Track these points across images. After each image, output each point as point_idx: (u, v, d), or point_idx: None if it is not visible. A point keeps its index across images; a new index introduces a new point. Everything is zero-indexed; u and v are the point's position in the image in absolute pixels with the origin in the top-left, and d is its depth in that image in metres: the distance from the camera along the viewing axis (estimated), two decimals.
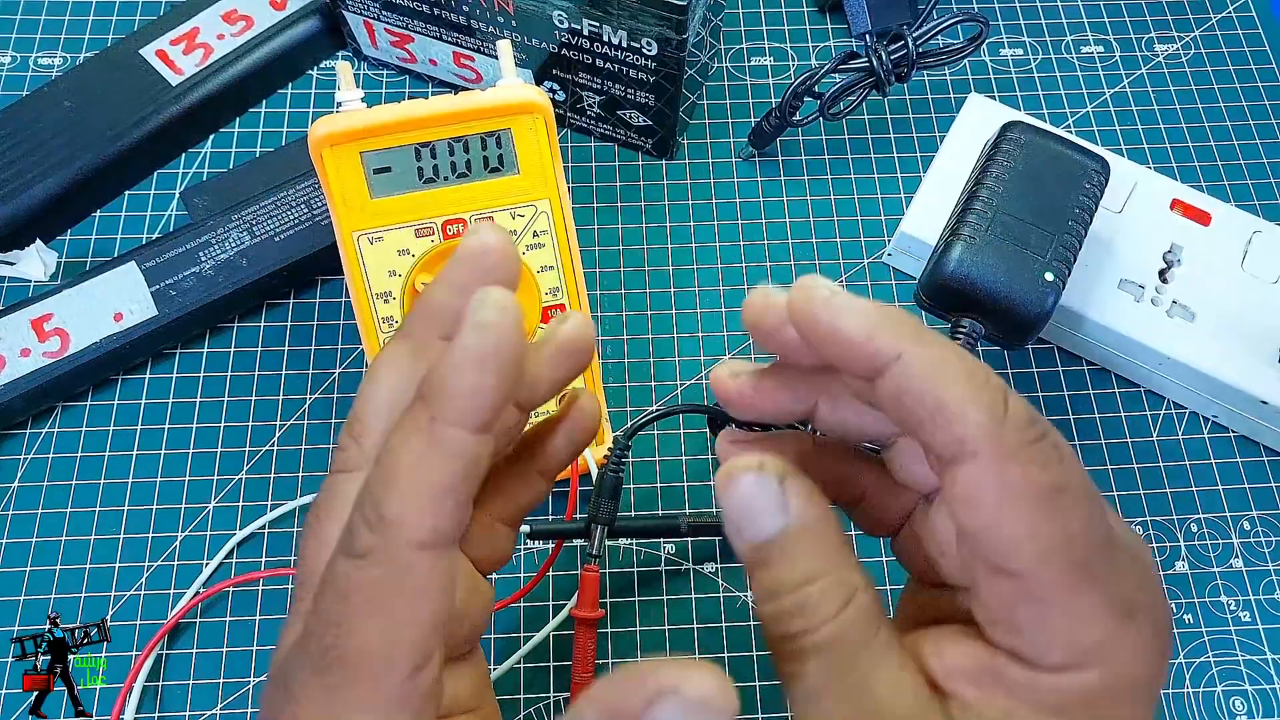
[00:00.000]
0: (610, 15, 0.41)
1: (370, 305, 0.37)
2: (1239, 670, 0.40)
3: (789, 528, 0.23)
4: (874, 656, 0.23)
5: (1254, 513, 0.42)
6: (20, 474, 0.42)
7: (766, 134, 0.47)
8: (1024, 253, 0.37)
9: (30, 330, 0.42)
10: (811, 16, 0.53)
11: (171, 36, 0.48)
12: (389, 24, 0.47)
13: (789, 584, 0.23)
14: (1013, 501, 0.21)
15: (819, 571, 0.23)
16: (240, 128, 0.49)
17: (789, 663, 0.23)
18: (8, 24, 0.51)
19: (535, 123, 0.36)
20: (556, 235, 0.37)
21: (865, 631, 0.23)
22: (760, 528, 0.23)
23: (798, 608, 0.23)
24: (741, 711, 0.39)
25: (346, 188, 0.36)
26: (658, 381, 0.44)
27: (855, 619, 0.23)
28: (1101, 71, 0.51)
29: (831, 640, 0.22)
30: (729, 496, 0.24)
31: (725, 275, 0.46)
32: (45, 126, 0.45)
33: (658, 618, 0.40)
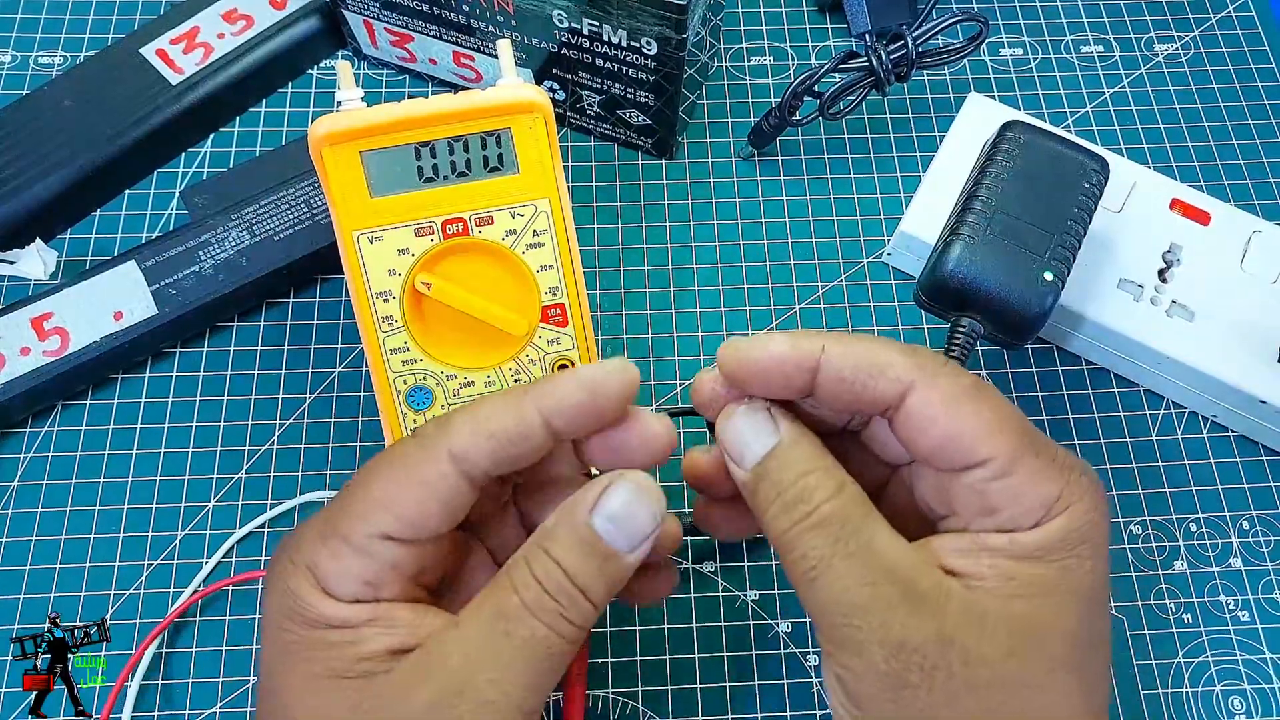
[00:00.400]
0: (610, 14, 0.41)
1: (370, 304, 0.37)
2: (1238, 670, 0.40)
3: (781, 441, 0.28)
4: (872, 524, 0.27)
5: (1253, 512, 0.42)
6: (20, 473, 0.42)
7: (766, 134, 0.47)
8: (1023, 252, 0.37)
9: (30, 329, 0.42)
10: (811, 16, 0.53)
11: (171, 36, 0.48)
12: (389, 23, 0.47)
13: (787, 482, 0.28)
14: (955, 403, 0.27)
15: (812, 467, 0.28)
16: (240, 127, 0.49)
17: (794, 548, 0.27)
18: (8, 23, 0.51)
19: (535, 122, 0.36)
20: (556, 235, 0.37)
21: (861, 507, 0.27)
22: (757, 449, 0.29)
23: (798, 497, 0.27)
24: (742, 711, 0.39)
25: (346, 187, 0.36)
26: (657, 381, 0.44)
27: (850, 498, 0.27)
28: (1101, 71, 0.51)
29: (833, 514, 0.27)
30: (728, 429, 0.29)
31: (725, 275, 0.46)
32: (45, 126, 0.45)
33: (657, 616, 0.40)
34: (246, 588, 0.40)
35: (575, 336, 0.39)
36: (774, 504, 0.28)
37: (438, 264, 0.37)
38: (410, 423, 0.38)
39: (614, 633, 0.40)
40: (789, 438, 0.28)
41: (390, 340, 0.37)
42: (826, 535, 0.26)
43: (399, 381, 0.37)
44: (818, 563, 0.26)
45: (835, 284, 0.46)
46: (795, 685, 0.39)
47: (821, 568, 0.26)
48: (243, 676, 0.39)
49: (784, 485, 0.28)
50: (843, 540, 0.26)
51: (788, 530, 0.27)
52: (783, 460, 0.28)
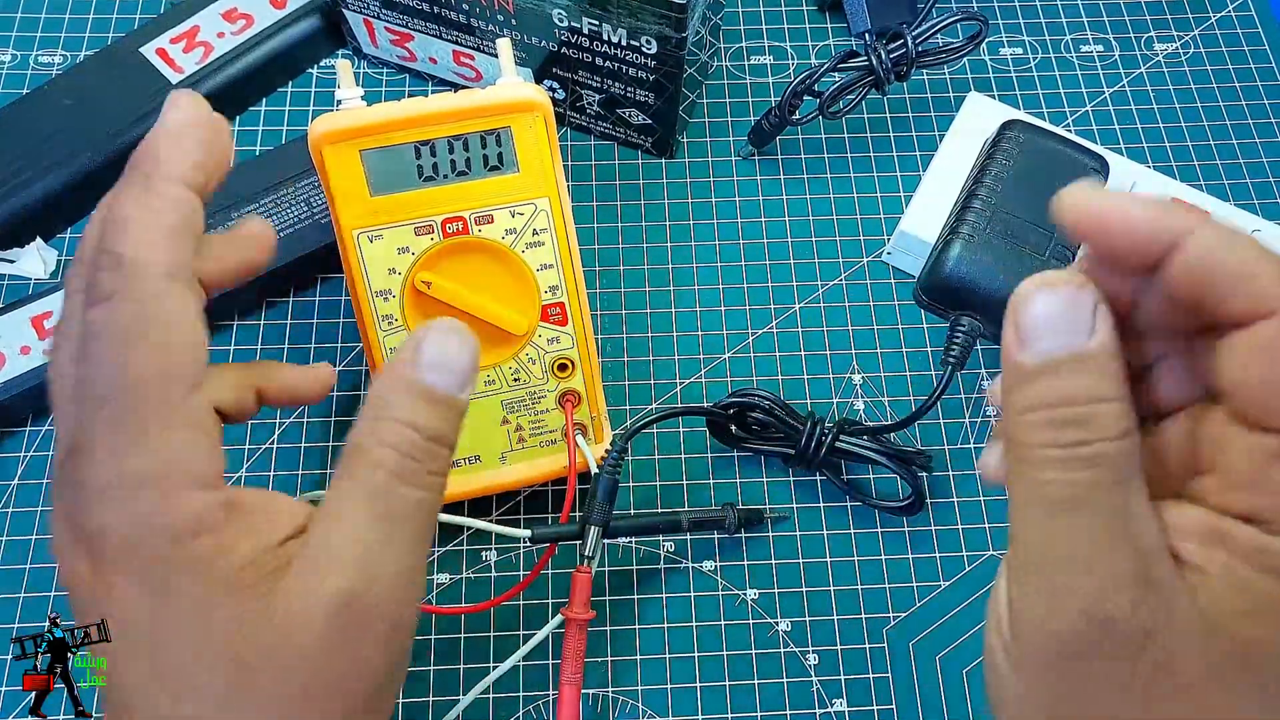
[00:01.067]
0: (610, 13, 0.41)
1: (370, 303, 0.37)
2: None
3: (1092, 347, 0.24)
4: (1138, 489, 0.24)
5: None
6: (20, 472, 0.42)
7: (766, 133, 0.47)
8: (1023, 251, 0.37)
9: (30, 328, 0.42)
10: (811, 15, 0.53)
11: (172, 35, 0.48)
12: (389, 22, 0.47)
13: (1079, 397, 0.24)
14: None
15: (1113, 396, 0.24)
16: (240, 126, 0.49)
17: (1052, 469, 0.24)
18: (8, 22, 0.51)
19: (535, 121, 0.36)
20: (556, 234, 0.37)
21: (1135, 461, 0.24)
22: (1063, 340, 0.24)
23: (1081, 420, 0.23)
24: (743, 710, 0.39)
25: (346, 185, 0.36)
26: (657, 380, 0.44)
27: (1132, 450, 0.24)
28: (1101, 71, 0.51)
29: (1109, 456, 0.23)
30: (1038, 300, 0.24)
31: (725, 274, 0.46)
32: (45, 125, 0.45)
33: (656, 615, 0.40)
34: None
35: (575, 335, 0.39)
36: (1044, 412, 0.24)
37: (438, 263, 0.37)
38: None
39: (614, 632, 0.40)
40: (1106, 350, 0.24)
41: (390, 339, 0.37)
42: (1092, 476, 0.23)
43: None
44: (1069, 500, 0.24)
45: (835, 283, 0.46)
46: (795, 684, 0.39)
47: (1069, 506, 0.24)
48: None
49: (1070, 398, 0.24)
50: (1104, 490, 0.23)
51: (1047, 446, 0.24)
52: (1085, 369, 0.24)
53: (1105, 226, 0.24)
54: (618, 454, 0.37)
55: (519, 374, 0.39)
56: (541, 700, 0.39)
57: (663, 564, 0.41)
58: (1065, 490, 0.24)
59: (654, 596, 0.41)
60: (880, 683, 0.39)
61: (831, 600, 0.41)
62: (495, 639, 0.40)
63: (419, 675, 0.39)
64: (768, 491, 0.42)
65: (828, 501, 0.42)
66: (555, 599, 0.40)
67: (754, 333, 0.45)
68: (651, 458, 0.43)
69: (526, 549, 0.41)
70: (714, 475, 0.43)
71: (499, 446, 0.39)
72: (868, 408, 0.44)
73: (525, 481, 0.40)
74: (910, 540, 0.42)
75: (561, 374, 0.39)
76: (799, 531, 0.42)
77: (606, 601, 0.40)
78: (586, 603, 0.36)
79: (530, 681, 0.39)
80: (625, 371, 0.44)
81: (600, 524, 0.37)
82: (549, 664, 0.39)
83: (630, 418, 0.43)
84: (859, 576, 0.41)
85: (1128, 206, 0.24)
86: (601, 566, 0.41)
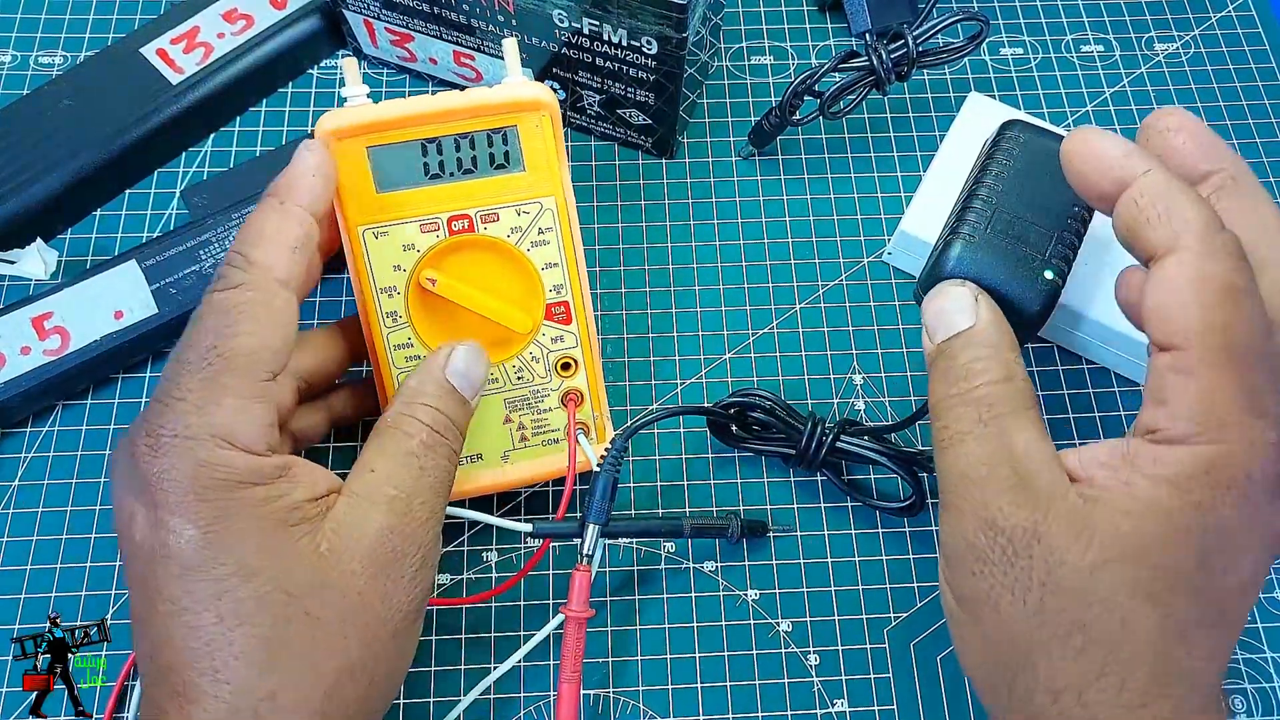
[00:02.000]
0: (610, 14, 0.41)
1: (374, 299, 0.37)
2: (1238, 668, 0.40)
3: (974, 326, 0.30)
4: (1020, 421, 0.28)
5: None
6: (20, 472, 0.42)
7: (766, 133, 0.47)
8: (1023, 251, 0.37)
9: (30, 328, 0.42)
10: (811, 15, 0.53)
11: (172, 35, 0.48)
12: (389, 23, 0.47)
13: (962, 359, 0.30)
14: (1199, 285, 0.26)
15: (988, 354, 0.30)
16: (241, 126, 0.49)
17: (941, 417, 0.30)
18: (8, 23, 0.51)
19: (541, 120, 0.36)
20: (561, 232, 0.37)
21: (1016, 402, 0.29)
22: (952, 324, 0.31)
23: (963, 373, 0.29)
24: (744, 710, 0.39)
25: (352, 182, 0.36)
26: (658, 380, 0.44)
27: (1011, 390, 0.29)
28: (1101, 71, 0.52)
29: (986, 395, 0.29)
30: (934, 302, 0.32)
31: (725, 274, 0.46)
32: (45, 125, 0.45)
33: (657, 615, 0.40)
34: None
35: (579, 334, 0.39)
36: (942, 375, 0.30)
37: (443, 260, 0.37)
38: None
39: (614, 632, 0.40)
40: (982, 324, 0.30)
41: (394, 336, 0.37)
42: (972, 412, 0.29)
43: (402, 377, 0.37)
44: (954, 435, 0.29)
45: (835, 283, 0.46)
46: (796, 684, 0.39)
47: (955, 440, 0.29)
48: None
49: (958, 362, 0.30)
50: (984, 422, 0.28)
51: (943, 399, 0.30)
52: (967, 340, 0.30)
53: (1084, 156, 0.29)
54: (618, 452, 0.37)
55: (522, 372, 0.39)
56: (542, 700, 0.39)
57: (664, 564, 0.41)
58: (953, 429, 0.29)
59: (655, 597, 0.40)
60: (881, 683, 0.39)
61: (832, 601, 0.40)
62: (496, 639, 0.40)
63: (419, 675, 0.39)
64: (768, 492, 0.42)
65: (829, 502, 0.42)
66: (556, 599, 0.40)
67: (755, 332, 0.45)
68: (652, 457, 0.43)
69: (527, 549, 0.41)
70: (714, 475, 0.43)
71: (501, 445, 0.39)
72: (869, 408, 0.44)
73: (527, 480, 0.40)
74: (911, 540, 0.42)
75: (565, 373, 0.39)
76: (800, 532, 0.42)
77: (607, 601, 0.40)
78: (585, 601, 0.36)
79: (531, 682, 0.39)
80: (626, 371, 0.44)
81: (599, 521, 0.37)
82: (550, 664, 0.39)
83: (631, 417, 0.43)
84: (860, 577, 0.41)
85: (1106, 143, 0.29)
86: (602, 567, 0.41)
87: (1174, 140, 0.30)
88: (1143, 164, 0.28)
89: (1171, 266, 0.26)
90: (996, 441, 0.28)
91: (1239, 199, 0.29)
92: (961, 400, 0.29)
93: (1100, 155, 0.29)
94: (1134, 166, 0.28)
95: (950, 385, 0.30)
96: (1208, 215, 0.26)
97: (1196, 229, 0.26)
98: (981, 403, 0.29)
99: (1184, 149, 0.30)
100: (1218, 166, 0.30)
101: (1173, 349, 0.26)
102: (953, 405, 0.29)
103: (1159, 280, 0.26)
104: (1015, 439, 0.28)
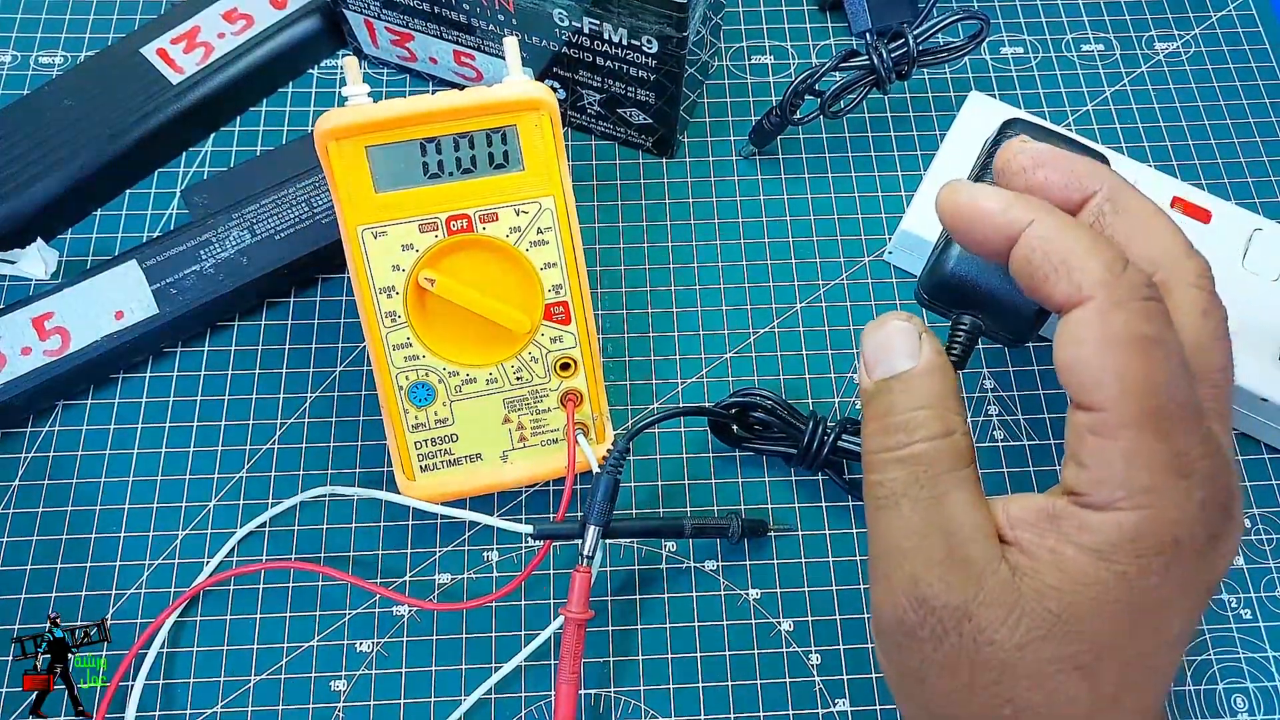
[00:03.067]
0: (611, 13, 0.41)
1: (373, 300, 0.37)
2: (1240, 668, 0.40)
3: (914, 369, 0.28)
4: (956, 482, 0.26)
5: (1255, 510, 0.42)
6: (21, 472, 0.42)
7: (767, 132, 0.47)
8: None
9: (31, 329, 0.42)
10: (812, 15, 0.53)
11: (172, 35, 0.48)
12: (389, 22, 0.47)
13: (900, 408, 0.27)
14: (1110, 341, 0.24)
15: (929, 404, 0.27)
16: (241, 126, 0.49)
17: (875, 472, 0.27)
18: (8, 23, 0.51)
19: (541, 119, 0.36)
20: (560, 232, 0.37)
21: (954, 461, 0.27)
22: (892, 364, 0.28)
23: (901, 425, 0.27)
24: (745, 710, 0.39)
25: (351, 182, 0.36)
26: (658, 380, 0.44)
27: (949, 448, 0.27)
28: (1102, 70, 0.51)
29: (923, 454, 0.27)
30: (872, 337, 0.29)
31: (726, 273, 0.46)
32: (46, 125, 0.45)
33: (658, 615, 0.40)
34: (246, 586, 0.40)
35: (578, 334, 0.39)
36: (878, 422, 0.28)
37: (442, 260, 0.37)
38: (412, 419, 0.38)
39: (615, 632, 0.40)
40: (924, 368, 0.28)
41: (393, 336, 0.37)
42: (907, 473, 0.27)
43: (401, 377, 0.37)
44: (888, 497, 0.27)
45: (836, 282, 0.46)
46: (797, 684, 0.39)
47: (888, 503, 0.27)
48: (243, 676, 0.39)
49: (895, 410, 0.27)
50: (919, 484, 0.27)
51: (878, 452, 0.28)
52: (907, 386, 0.28)
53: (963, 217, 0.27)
54: (619, 453, 0.37)
55: (521, 372, 0.39)
56: (544, 701, 0.39)
57: (665, 564, 0.41)
58: (887, 488, 0.27)
59: (656, 597, 0.40)
60: (883, 682, 0.39)
61: (834, 600, 0.40)
62: (497, 639, 0.40)
63: (420, 675, 0.39)
64: (770, 491, 0.42)
65: (830, 501, 0.42)
66: (557, 599, 0.40)
67: (755, 332, 0.45)
68: (653, 457, 0.43)
69: (529, 548, 0.41)
70: (716, 475, 0.42)
71: (501, 445, 0.39)
72: None
73: (526, 480, 0.40)
74: None
75: (564, 373, 0.39)
76: (801, 531, 0.42)
77: (608, 601, 0.40)
78: (585, 602, 0.36)
79: (532, 682, 0.39)
80: (626, 371, 0.44)
81: (600, 523, 0.37)
82: (551, 665, 0.39)
83: (631, 417, 0.43)
84: (861, 576, 0.41)
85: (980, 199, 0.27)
86: (603, 567, 0.41)
87: (1035, 178, 0.29)
88: (1024, 214, 0.26)
89: (1077, 325, 0.25)
90: (931, 509, 0.26)
91: (1124, 218, 0.28)
92: (897, 459, 0.27)
93: (976, 214, 0.27)
94: (1016, 219, 0.26)
95: (887, 436, 0.27)
96: (1106, 259, 0.25)
97: (1096, 277, 0.25)
98: (919, 462, 0.27)
99: (1049, 183, 0.29)
100: (1091, 189, 0.28)
101: (1090, 409, 0.25)
102: (887, 463, 0.27)
103: (1067, 337, 0.25)
104: (950, 506, 0.26)
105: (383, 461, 0.42)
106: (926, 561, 0.26)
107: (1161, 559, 0.24)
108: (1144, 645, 0.25)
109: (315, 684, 0.39)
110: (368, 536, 0.41)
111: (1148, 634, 0.25)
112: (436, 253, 0.37)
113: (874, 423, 0.28)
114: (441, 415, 0.38)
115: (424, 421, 0.38)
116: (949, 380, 0.28)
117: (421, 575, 0.41)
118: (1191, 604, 0.26)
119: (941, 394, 0.28)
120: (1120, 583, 0.24)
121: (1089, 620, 0.25)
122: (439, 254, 0.37)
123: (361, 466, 0.42)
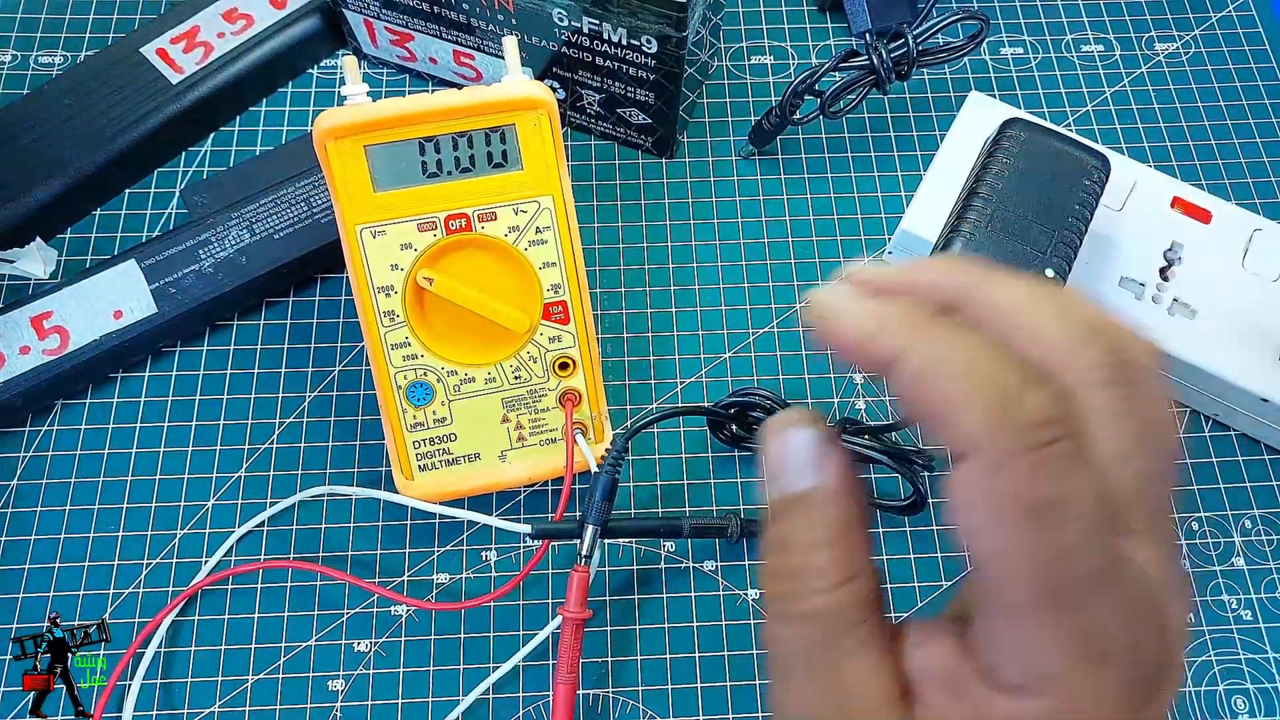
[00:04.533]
0: (610, 13, 0.41)
1: (372, 299, 0.37)
2: (1240, 669, 0.40)
3: (814, 491, 0.24)
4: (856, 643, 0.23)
5: (1255, 511, 0.42)
6: (20, 472, 0.42)
7: (767, 132, 0.47)
8: (1024, 249, 0.37)
9: (30, 328, 0.42)
10: (811, 15, 0.53)
11: (172, 35, 0.48)
12: (389, 22, 0.47)
13: (798, 544, 0.24)
14: (999, 508, 0.20)
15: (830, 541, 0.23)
16: (240, 126, 0.49)
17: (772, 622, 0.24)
18: (8, 23, 0.51)
19: (540, 119, 0.36)
20: (559, 232, 0.37)
21: (857, 614, 0.23)
22: (794, 480, 0.24)
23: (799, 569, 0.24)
24: (744, 710, 0.39)
25: (350, 181, 0.36)
26: (658, 380, 0.44)
27: (849, 599, 0.23)
28: (1102, 70, 0.51)
29: (819, 611, 0.23)
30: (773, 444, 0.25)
31: (725, 273, 0.46)
32: (45, 125, 0.45)
33: (657, 615, 0.40)
34: (245, 586, 0.40)
35: (577, 334, 0.39)
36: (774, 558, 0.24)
37: (440, 259, 0.37)
38: (410, 418, 0.38)
39: (614, 632, 0.40)
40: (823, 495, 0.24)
41: (391, 335, 0.37)
42: (802, 635, 0.23)
43: (400, 377, 0.37)
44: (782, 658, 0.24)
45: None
46: None
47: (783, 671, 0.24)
48: (241, 676, 0.39)
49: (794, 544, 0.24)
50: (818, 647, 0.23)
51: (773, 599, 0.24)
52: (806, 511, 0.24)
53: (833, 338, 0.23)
54: (618, 453, 0.37)
55: (520, 372, 0.39)
56: (541, 701, 0.39)
57: (663, 564, 0.41)
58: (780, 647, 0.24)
59: (655, 596, 0.40)
60: None
61: None
62: (495, 639, 0.39)
63: (418, 675, 0.39)
64: None
65: None
66: (555, 599, 0.40)
67: (755, 332, 0.45)
68: (652, 457, 0.43)
69: (527, 548, 0.41)
70: (715, 475, 0.42)
71: (499, 444, 0.39)
72: (869, 407, 0.44)
73: (524, 480, 0.40)
74: (912, 540, 0.42)
75: (562, 372, 0.39)
76: None
77: (607, 601, 0.40)
78: (583, 602, 0.36)
79: (530, 682, 0.39)
80: (625, 371, 0.44)
81: (598, 523, 0.37)
82: (549, 665, 0.39)
83: (630, 417, 0.43)
84: None
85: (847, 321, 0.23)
86: (602, 566, 0.41)
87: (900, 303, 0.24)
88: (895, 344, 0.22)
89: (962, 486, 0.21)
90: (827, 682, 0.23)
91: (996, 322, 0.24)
92: (787, 617, 0.24)
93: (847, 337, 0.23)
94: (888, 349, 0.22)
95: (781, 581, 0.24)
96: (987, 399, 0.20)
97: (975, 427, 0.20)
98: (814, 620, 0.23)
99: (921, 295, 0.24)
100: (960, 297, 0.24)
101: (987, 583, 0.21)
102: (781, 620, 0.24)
103: (954, 499, 0.21)
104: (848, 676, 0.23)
105: (381, 461, 0.42)
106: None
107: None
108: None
109: (313, 683, 0.39)
110: (366, 536, 0.41)
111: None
112: (435, 252, 0.37)
113: (770, 556, 0.24)
114: (440, 415, 0.38)
115: (422, 421, 0.38)
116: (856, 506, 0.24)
117: (420, 575, 0.41)
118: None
119: (844, 524, 0.24)
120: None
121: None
122: (438, 253, 0.37)
123: (360, 466, 0.42)
